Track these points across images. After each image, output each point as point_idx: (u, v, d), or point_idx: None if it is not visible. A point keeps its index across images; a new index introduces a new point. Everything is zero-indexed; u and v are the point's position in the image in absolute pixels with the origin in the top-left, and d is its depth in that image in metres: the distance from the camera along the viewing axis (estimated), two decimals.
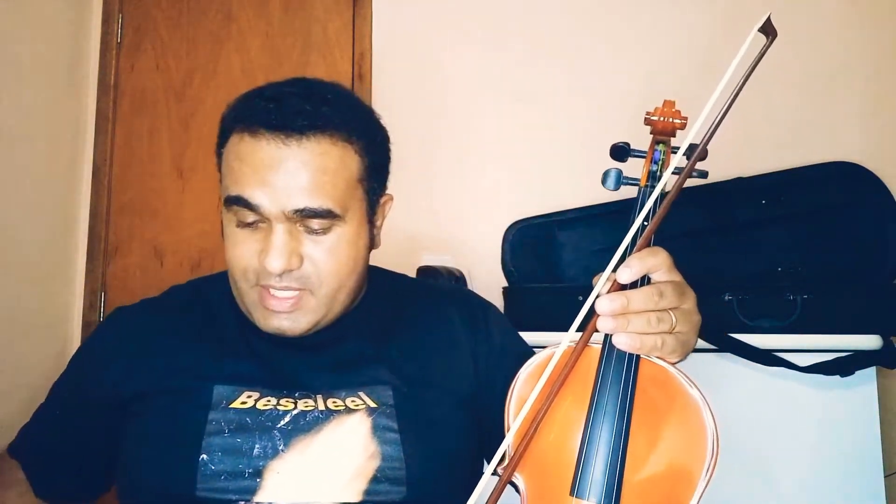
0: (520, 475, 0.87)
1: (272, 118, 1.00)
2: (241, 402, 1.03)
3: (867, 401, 1.94)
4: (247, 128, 1.01)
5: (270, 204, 0.99)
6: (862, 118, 2.43)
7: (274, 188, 0.98)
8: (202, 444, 0.99)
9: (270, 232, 1.00)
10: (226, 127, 1.07)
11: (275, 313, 1.04)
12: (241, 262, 1.03)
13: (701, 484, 0.81)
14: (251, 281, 1.04)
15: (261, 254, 1.01)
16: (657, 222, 0.85)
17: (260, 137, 0.99)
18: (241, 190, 1.00)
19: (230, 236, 1.05)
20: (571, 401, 0.86)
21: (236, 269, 1.05)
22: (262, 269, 1.01)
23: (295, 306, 1.04)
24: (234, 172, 1.01)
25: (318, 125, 1.01)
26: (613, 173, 0.89)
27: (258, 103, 1.03)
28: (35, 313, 2.65)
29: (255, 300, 1.05)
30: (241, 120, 1.03)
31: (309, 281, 1.03)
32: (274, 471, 0.98)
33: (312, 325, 1.07)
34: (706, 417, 0.82)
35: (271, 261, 0.99)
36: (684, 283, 0.87)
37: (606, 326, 0.82)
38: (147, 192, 2.89)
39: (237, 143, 1.02)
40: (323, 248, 1.03)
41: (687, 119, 0.89)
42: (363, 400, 1.05)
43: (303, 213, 0.99)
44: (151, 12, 2.96)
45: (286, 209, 0.99)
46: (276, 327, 1.05)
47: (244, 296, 1.06)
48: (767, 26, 0.80)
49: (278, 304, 1.03)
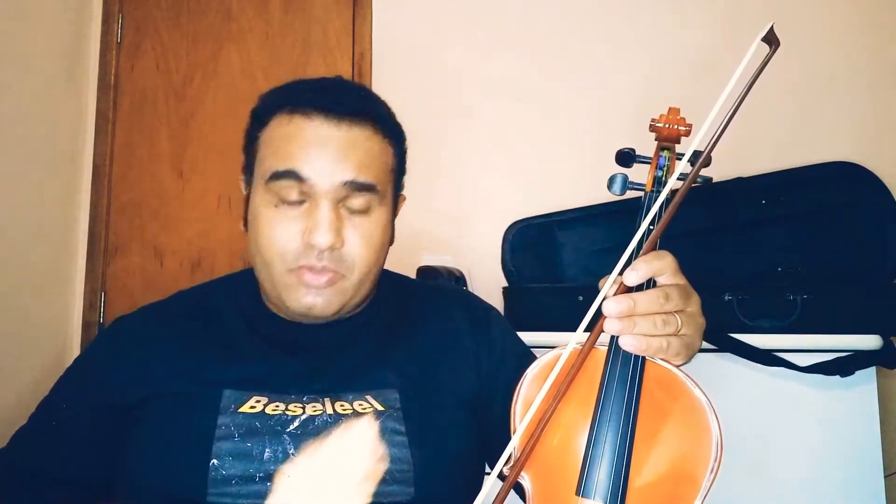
0: (526, 475, 0.87)
1: (323, 101, 1.06)
2: (249, 407, 1.03)
3: (867, 401, 1.94)
4: (296, 109, 1.06)
5: (321, 176, 1.03)
6: (861, 118, 2.43)
7: (325, 162, 1.03)
8: (212, 448, 0.99)
9: (315, 209, 1.03)
10: (265, 111, 1.11)
11: (310, 290, 1.06)
12: (279, 243, 1.05)
13: (705, 485, 0.82)
14: (289, 263, 1.05)
15: (304, 232, 1.03)
16: (663, 226, 0.86)
17: (312, 117, 1.05)
18: (292, 164, 1.03)
19: (267, 218, 1.06)
20: (577, 402, 0.86)
21: (272, 251, 1.05)
22: (303, 247, 1.04)
23: (330, 284, 1.06)
24: (282, 150, 1.05)
25: (365, 113, 1.08)
26: (619, 178, 0.91)
27: (306, 89, 1.10)
28: (35, 313, 2.64)
29: (291, 281, 1.06)
30: (288, 102, 1.08)
31: (345, 264, 1.06)
32: (284, 475, 0.97)
33: (340, 307, 1.09)
34: (710, 419, 0.83)
35: (319, 235, 1.02)
36: (689, 286, 0.88)
37: (613, 328, 0.82)
38: (147, 192, 2.89)
39: (285, 124, 1.07)
40: (361, 233, 1.07)
41: (691, 126, 0.90)
42: (370, 403, 1.06)
43: (351, 186, 1.04)
44: (151, 12, 2.96)
45: (336, 182, 1.03)
46: (309, 304, 1.06)
47: (277, 279, 1.07)
48: (770, 36, 0.81)
49: (316, 278, 1.05)
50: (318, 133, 1.05)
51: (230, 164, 2.84)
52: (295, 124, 1.06)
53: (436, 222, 2.67)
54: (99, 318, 2.84)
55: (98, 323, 2.83)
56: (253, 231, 1.09)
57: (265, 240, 1.06)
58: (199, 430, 1.01)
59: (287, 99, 1.09)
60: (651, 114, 0.92)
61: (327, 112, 1.05)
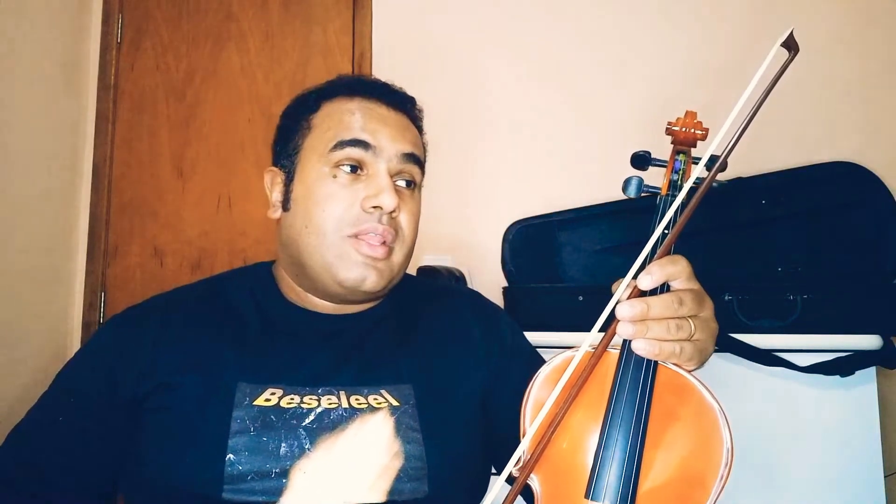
0: (535, 477, 0.87)
1: (379, 89, 1.19)
2: (264, 399, 1.03)
3: (867, 401, 1.94)
4: (356, 92, 1.17)
5: (385, 146, 1.12)
6: (862, 118, 2.44)
7: (387, 135, 1.13)
8: (228, 443, 0.98)
9: (376, 176, 1.11)
10: (317, 96, 1.19)
11: (365, 261, 1.09)
12: (339, 209, 1.09)
13: (715, 491, 0.82)
14: (344, 231, 1.09)
15: (365, 199, 1.09)
16: (678, 231, 0.86)
17: (371, 100, 1.16)
18: (359, 133, 1.12)
19: (324, 188, 1.10)
20: (588, 404, 0.86)
21: (329, 220, 1.09)
22: (361, 215, 1.09)
23: (386, 255, 1.10)
24: (346, 122, 1.13)
25: (408, 107, 1.22)
26: (635, 181, 0.91)
27: (362, 79, 1.23)
28: (35, 313, 2.64)
29: (345, 251, 1.09)
30: (348, 86, 1.19)
31: (399, 232, 1.13)
32: (300, 470, 0.97)
33: (389, 282, 1.14)
34: (722, 425, 0.83)
35: (385, 198, 1.08)
36: (703, 291, 0.88)
37: (626, 332, 0.83)
38: (147, 192, 2.89)
39: (346, 102, 1.16)
40: (408, 206, 1.15)
41: (708, 130, 0.90)
42: (385, 398, 1.06)
43: (409, 159, 1.14)
44: (151, 12, 2.96)
45: (398, 152, 1.13)
46: (360, 277, 1.09)
47: (329, 248, 1.09)
48: (790, 41, 0.81)
49: (375, 250, 1.09)
50: (380, 112, 1.15)
51: (230, 164, 2.84)
52: (357, 102, 1.15)
53: (436, 222, 2.67)
54: (99, 318, 2.83)
55: (98, 323, 2.82)
56: (302, 204, 1.12)
57: (320, 208, 1.10)
58: (215, 424, 1.00)
59: (343, 85, 1.19)
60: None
61: (385, 98, 1.17)
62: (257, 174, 2.82)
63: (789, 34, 0.80)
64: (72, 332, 2.83)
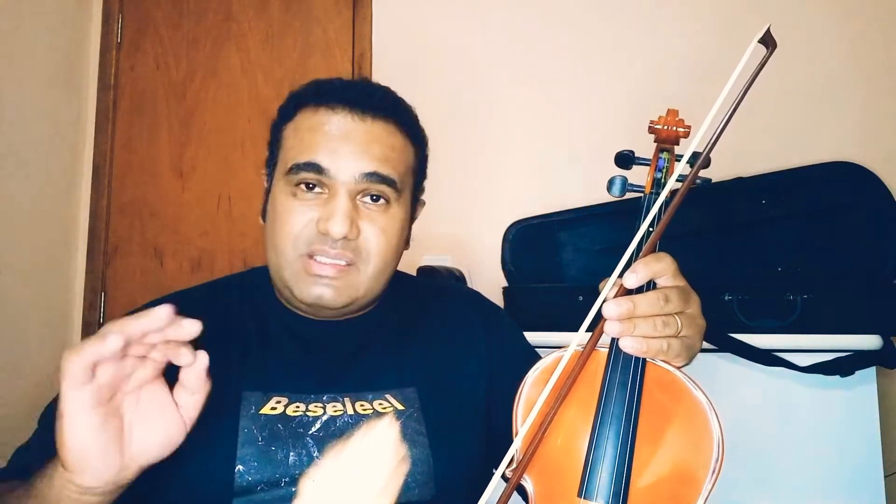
0: (528, 477, 0.87)
1: (349, 95, 1.09)
2: (270, 408, 1.02)
3: (867, 401, 1.94)
4: (322, 102, 1.08)
5: (341, 167, 1.04)
6: (862, 118, 2.43)
7: (346, 154, 1.05)
8: (237, 454, 0.97)
9: (333, 199, 1.04)
10: (294, 104, 1.12)
11: (319, 280, 1.05)
12: (294, 229, 1.05)
13: (707, 485, 0.82)
14: (300, 249, 1.05)
15: (319, 221, 1.04)
16: (662, 228, 0.86)
17: (337, 110, 1.07)
18: (313, 156, 1.05)
19: (285, 207, 1.06)
20: (579, 404, 0.86)
21: (286, 238, 1.05)
22: (315, 235, 1.04)
23: (341, 274, 1.06)
24: (305, 141, 1.07)
25: (389, 110, 1.11)
26: (619, 180, 0.91)
27: (334, 84, 1.13)
28: (35, 313, 2.64)
29: (299, 270, 1.06)
30: (316, 96, 1.10)
31: (360, 255, 1.07)
32: (309, 479, 0.96)
33: (351, 300, 1.08)
34: (712, 420, 0.83)
35: (334, 224, 1.02)
36: (689, 287, 0.88)
37: (613, 330, 0.83)
38: (147, 192, 2.89)
39: (310, 116, 1.09)
40: (377, 226, 1.07)
41: (690, 128, 0.90)
42: (390, 402, 1.06)
43: (371, 178, 1.05)
44: (151, 12, 2.96)
45: (356, 174, 1.04)
46: (317, 295, 1.05)
47: (286, 268, 1.06)
48: (767, 37, 0.81)
49: (324, 269, 1.05)
50: (341, 125, 1.07)
51: (230, 164, 2.84)
52: (320, 116, 1.08)
53: (436, 222, 2.67)
54: (99, 318, 2.84)
55: (98, 323, 2.83)
56: (270, 219, 1.10)
57: (279, 226, 1.06)
58: (222, 434, 0.99)
59: (314, 94, 1.11)
60: (650, 115, 0.92)
61: (352, 106, 1.08)
62: (257, 174, 2.78)
63: (766, 31, 0.81)
64: (72, 332, 2.84)
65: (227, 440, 0.98)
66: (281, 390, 1.04)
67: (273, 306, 1.16)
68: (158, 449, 0.82)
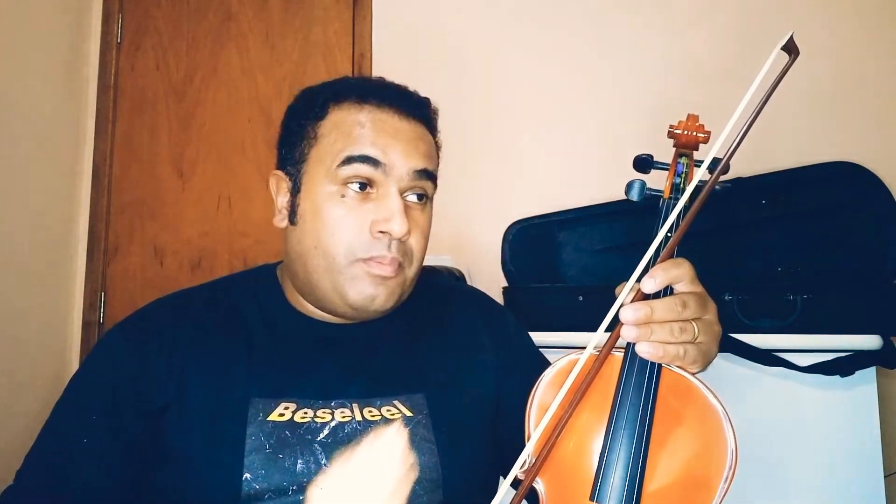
0: (540, 480, 0.87)
1: (392, 96, 1.10)
2: (278, 415, 1.00)
3: (867, 401, 1.94)
4: (366, 99, 1.08)
5: (396, 163, 1.05)
6: (862, 118, 2.44)
7: (399, 150, 1.05)
8: (244, 461, 0.96)
9: (386, 197, 1.04)
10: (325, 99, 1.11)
11: (377, 280, 1.04)
12: (347, 235, 1.03)
13: (719, 492, 0.83)
14: (356, 254, 1.04)
15: (374, 223, 1.03)
16: (681, 234, 0.86)
17: (384, 108, 1.08)
18: (368, 149, 1.04)
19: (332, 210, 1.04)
20: (592, 407, 0.86)
21: (339, 245, 1.04)
22: (370, 240, 1.03)
23: (396, 273, 1.05)
24: (355, 135, 1.05)
25: (425, 113, 1.15)
26: (637, 184, 0.91)
27: (373, 82, 1.14)
28: (35, 313, 2.64)
29: (357, 274, 1.04)
30: (358, 91, 1.10)
31: (408, 255, 1.07)
32: (317, 486, 0.96)
33: (398, 300, 1.09)
34: (726, 428, 0.84)
35: (396, 223, 1.02)
36: (706, 294, 0.88)
37: (630, 335, 0.83)
38: (147, 192, 2.89)
39: (355, 111, 1.08)
40: (419, 224, 1.09)
41: (710, 133, 0.90)
42: (399, 409, 1.05)
43: (421, 175, 1.07)
44: (151, 12, 2.96)
45: (409, 169, 1.05)
46: (370, 296, 1.05)
47: (339, 272, 1.04)
48: (790, 44, 0.81)
49: (384, 269, 1.04)
50: (392, 123, 1.07)
51: (230, 164, 2.84)
52: (367, 113, 1.07)
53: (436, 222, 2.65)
54: (99, 318, 2.83)
55: (98, 323, 2.82)
56: (311, 223, 1.06)
57: (329, 233, 1.04)
58: (229, 442, 0.98)
59: (353, 90, 1.10)
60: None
61: (398, 105, 1.09)
62: (257, 174, 2.82)
63: (789, 38, 0.81)
64: (72, 332, 2.83)
65: (234, 447, 0.97)
66: (288, 396, 1.03)
67: (282, 308, 1.14)
68: None
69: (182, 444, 0.99)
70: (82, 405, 1.03)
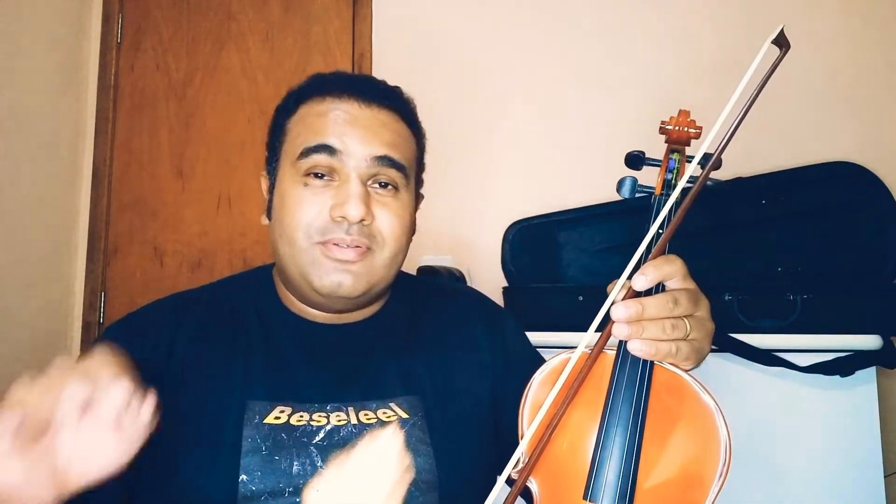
0: (534, 479, 0.87)
1: (355, 85, 1.10)
2: (274, 418, 1.01)
3: (867, 401, 1.94)
4: (328, 92, 1.08)
5: (353, 149, 1.04)
6: (862, 118, 2.44)
7: (357, 137, 1.05)
8: (240, 463, 0.96)
9: (345, 184, 1.04)
10: (296, 98, 1.12)
11: (337, 265, 1.04)
12: (306, 217, 1.04)
13: (714, 489, 0.82)
14: (313, 238, 1.03)
15: (333, 207, 1.03)
16: (672, 230, 0.85)
17: (343, 98, 1.07)
18: (324, 138, 1.04)
19: (294, 196, 1.05)
20: (585, 405, 0.86)
21: (298, 227, 1.04)
22: (329, 223, 1.03)
23: (360, 257, 1.05)
24: (313, 126, 1.06)
25: (392, 100, 1.11)
26: (629, 181, 0.90)
27: (338, 75, 1.14)
28: (35, 313, 2.64)
29: (317, 257, 1.04)
30: (320, 86, 1.10)
31: (375, 239, 1.06)
32: (313, 489, 0.94)
33: (369, 286, 1.07)
34: (719, 424, 0.83)
35: (351, 208, 1.01)
36: (698, 290, 0.88)
37: (622, 333, 0.82)
38: (147, 192, 2.89)
39: (316, 105, 1.08)
40: (389, 210, 1.07)
41: (701, 129, 0.90)
42: (394, 411, 1.05)
43: (383, 162, 1.05)
44: (151, 12, 2.96)
45: (368, 156, 1.04)
46: (335, 282, 1.04)
47: (300, 255, 1.05)
48: (781, 38, 0.81)
49: (344, 253, 1.03)
50: (349, 110, 1.06)
51: (230, 164, 2.84)
52: (327, 103, 1.07)
53: (436, 222, 2.67)
54: (99, 318, 2.83)
55: (98, 323, 2.82)
56: (278, 213, 1.08)
57: (290, 216, 1.05)
58: (226, 444, 0.98)
59: (318, 86, 1.11)
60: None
61: (358, 94, 1.08)
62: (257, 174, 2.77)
63: (780, 31, 0.80)
64: (72, 332, 2.83)
65: (230, 449, 0.97)
66: (285, 399, 1.03)
67: (277, 310, 1.14)
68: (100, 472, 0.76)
69: (178, 446, 0.99)
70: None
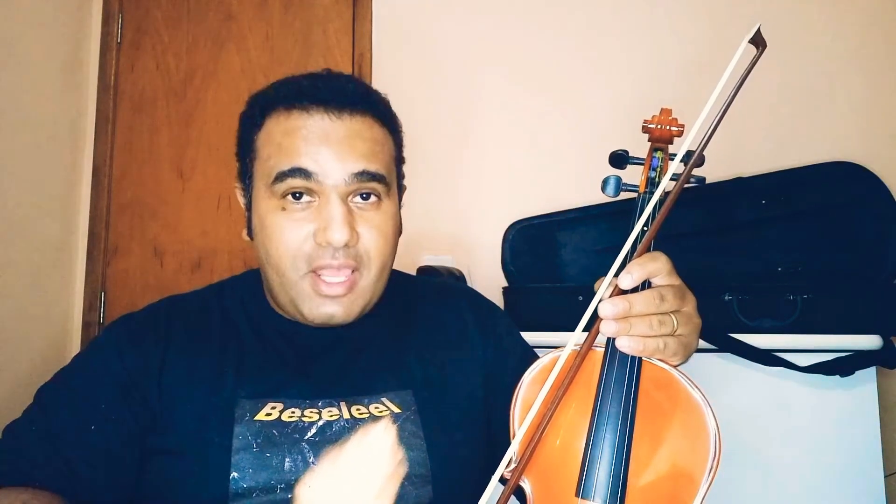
0: (526, 478, 0.87)
1: (320, 94, 1.03)
2: (265, 414, 1.00)
3: (867, 401, 1.94)
4: (293, 104, 1.03)
5: (329, 170, 1.00)
6: (861, 118, 2.43)
7: (331, 155, 1.00)
8: (231, 460, 0.96)
9: (326, 205, 1.00)
10: (258, 112, 1.08)
11: (329, 299, 1.03)
12: (291, 248, 1.02)
13: (704, 484, 0.82)
14: (301, 269, 1.02)
15: (317, 232, 1.00)
16: (657, 228, 0.86)
17: (311, 111, 1.02)
18: (297, 161, 1.00)
19: (275, 224, 1.02)
20: (576, 403, 0.86)
21: (284, 259, 1.02)
22: (315, 249, 1.01)
23: (349, 289, 1.04)
24: (283, 147, 1.02)
25: (364, 103, 1.05)
26: (613, 180, 0.91)
27: (302, 82, 1.06)
28: (35, 313, 2.64)
29: (307, 290, 1.03)
30: (285, 98, 1.05)
31: (362, 259, 1.04)
32: (305, 485, 0.95)
33: (362, 309, 1.07)
34: (708, 419, 0.84)
35: (334, 233, 0.99)
36: (684, 286, 0.88)
37: (609, 330, 0.83)
38: (147, 192, 2.89)
39: (283, 121, 1.03)
40: (373, 224, 1.04)
41: (683, 126, 0.90)
42: (387, 406, 1.05)
43: (362, 177, 1.01)
44: (151, 12, 2.96)
45: (346, 174, 1.00)
46: (328, 314, 1.04)
47: (291, 287, 1.04)
48: (757, 37, 0.82)
49: (332, 289, 1.03)
50: (320, 126, 1.01)
51: (230, 164, 2.81)
52: (294, 119, 1.02)
53: (436, 222, 2.67)
54: (99, 318, 2.83)
55: (98, 323, 2.82)
56: (261, 240, 1.06)
57: (275, 247, 1.03)
58: (217, 441, 0.98)
59: (281, 96, 1.06)
60: (646, 115, 0.92)
61: (327, 104, 1.03)
62: None
63: (756, 31, 0.82)
64: (72, 332, 2.83)
65: (221, 447, 0.97)
66: (276, 396, 1.03)
67: (266, 313, 1.14)
68: None
69: (170, 444, 1.00)
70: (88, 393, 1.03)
